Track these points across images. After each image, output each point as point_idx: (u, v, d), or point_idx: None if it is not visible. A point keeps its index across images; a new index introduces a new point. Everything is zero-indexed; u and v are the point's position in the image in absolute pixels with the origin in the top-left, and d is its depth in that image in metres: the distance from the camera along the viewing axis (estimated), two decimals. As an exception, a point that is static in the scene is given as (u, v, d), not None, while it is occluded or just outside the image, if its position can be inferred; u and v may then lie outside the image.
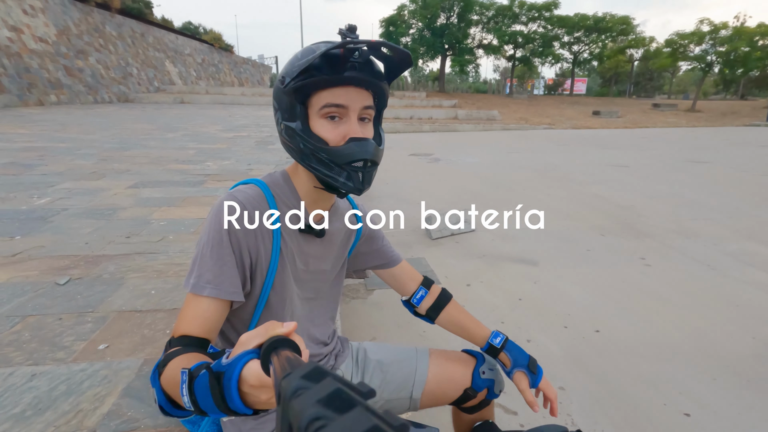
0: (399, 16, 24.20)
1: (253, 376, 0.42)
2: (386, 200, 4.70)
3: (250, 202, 0.70)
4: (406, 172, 6.50)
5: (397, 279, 0.98)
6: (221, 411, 0.46)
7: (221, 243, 0.67)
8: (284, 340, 0.40)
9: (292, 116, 0.67)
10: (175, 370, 0.54)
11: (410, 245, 3.34)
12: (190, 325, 0.64)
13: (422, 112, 16.68)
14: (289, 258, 0.75)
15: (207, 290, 0.65)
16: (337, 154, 0.66)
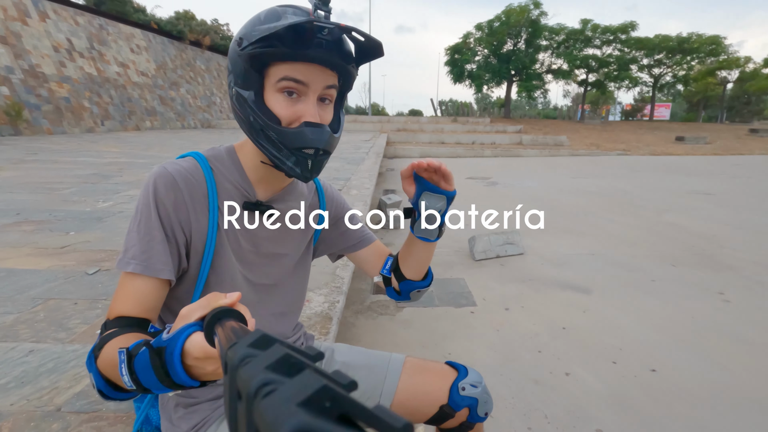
0: (464, 43, 24.40)
1: (197, 348, 0.41)
2: (434, 220, 4.58)
3: (181, 174, 0.65)
4: (460, 194, 6.34)
5: (368, 261, 0.88)
6: (165, 386, 0.45)
7: (149, 217, 0.63)
8: (228, 310, 0.39)
9: (246, 84, 0.61)
10: (112, 351, 0.51)
11: (451, 265, 3.19)
12: (124, 305, 0.61)
13: (485, 138, 16.42)
14: (231, 237, 0.70)
15: (132, 266, 0.61)
16: (288, 137, 0.61)
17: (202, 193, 0.66)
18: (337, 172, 5.57)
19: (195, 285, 0.68)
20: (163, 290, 0.64)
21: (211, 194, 0.67)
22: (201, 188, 0.66)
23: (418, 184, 0.73)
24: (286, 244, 0.78)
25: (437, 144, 15.08)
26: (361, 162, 6.65)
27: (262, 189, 0.72)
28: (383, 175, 8.20)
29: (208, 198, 0.67)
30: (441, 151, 13.36)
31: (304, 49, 0.58)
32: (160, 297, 0.64)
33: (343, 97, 0.69)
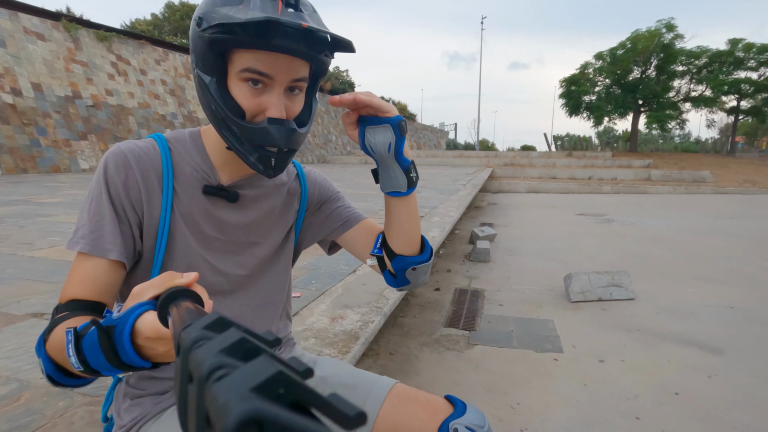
0: (582, 74, 22.93)
1: (149, 328, 0.39)
2: (529, 257, 4.20)
3: (134, 153, 0.63)
4: (564, 231, 5.76)
5: (358, 241, 0.78)
6: (115, 367, 0.43)
7: (99, 196, 0.61)
8: (184, 290, 0.37)
9: (207, 68, 0.57)
10: (61, 333, 0.49)
11: (539, 305, 2.84)
12: (76, 288, 0.59)
13: (604, 173, 14.92)
14: (189, 221, 0.66)
15: (80, 245, 0.59)
16: (251, 133, 0.57)
17: (156, 173, 0.64)
18: (426, 201, 5.51)
19: (150, 270, 0.65)
20: (116, 272, 0.61)
21: (166, 175, 0.64)
22: (155, 168, 0.64)
23: (360, 124, 0.63)
24: (259, 232, 0.72)
25: (548, 179, 14.14)
26: (454, 193, 6.49)
27: (227, 173, 0.68)
28: (482, 209, 7.90)
29: (162, 179, 0.64)
30: (551, 186, 12.47)
31: (268, 39, 0.53)
32: (113, 280, 0.61)
33: (316, 83, 0.64)
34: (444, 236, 3.45)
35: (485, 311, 2.73)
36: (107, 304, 0.60)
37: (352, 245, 0.80)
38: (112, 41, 11.84)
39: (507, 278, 3.46)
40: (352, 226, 0.79)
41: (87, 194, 0.63)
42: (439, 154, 20.90)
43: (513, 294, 3.07)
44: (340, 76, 24.76)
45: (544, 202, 9.29)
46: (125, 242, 0.62)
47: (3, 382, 1.16)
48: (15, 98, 9.34)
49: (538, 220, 6.58)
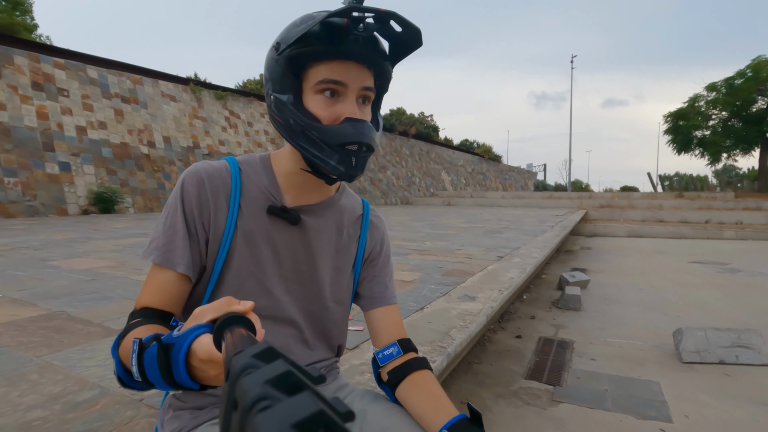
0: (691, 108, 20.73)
1: (203, 351, 0.41)
2: (629, 307, 3.70)
3: (208, 173, 0.67)
4: (674, 280, 5.02)
5: (376, 323, 0.76)
6: (167, 383, 0.45)
7: (175, 211, 0.66)
8: (240, 317, 0.39)
9: (284, 88, 0.62)
10: (130, 340, 0.53)
11: (642, 362, 2.44)
12: (149, 297, 0.64)
13: (726, 216, 12.97)
14: (250, 240, 0.68)
15: (153, 256, 0.64)
16: (331, 133, 0.59)
17: (225, 192, 0.67)
18: (507, 242, 5.23)
19: (207, 284, 0.68)
20: (184, 285, 0.65)
21: (234, 194, 0.67)
22: (225, 187, 0.68)
23: None
24: (314, 262, 0.72)
25: (653, 222, 12.67)
26: (540, 234, 6.09)
27: (292, 196, 0.70)
28: (574, 253, 7.27)
29: (229, 198, 0.67)
30: (658, 230, 11.13)
31: (341, 45, 0.57)
32: (181, 291, 0.65)
33: (379, 99, 0.67)
34: (524, 278, 3.20)
35: (574, 365, 2.41)
36: (175, 313, 0.64)
37: (369, 323, 0.79)
38: (227, 99, 13.68)
39: (601, 330, 3.06)
40: (377, 306, 0.78)
41: (164, 208, 0.68)
42: (526, 195, 20.04)
43: (608, 348, 2.69)
44: (424, 121, 25.50)
45: (648, 247, 8.28)
46: (193, 257, 0.66)
47: (89, 387, 1.28)
48: (150, 149, 11.12)
49: (642, 267, 5.84)
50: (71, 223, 7.24)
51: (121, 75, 11.14)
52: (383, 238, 0.82)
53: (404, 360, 0.72)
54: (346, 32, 0.57)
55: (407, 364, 0.72)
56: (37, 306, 2.20)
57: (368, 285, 0.79)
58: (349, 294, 0.79)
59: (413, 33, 0.58)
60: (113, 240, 5.06)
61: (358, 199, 0.83)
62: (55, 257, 3.81)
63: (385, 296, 0.78)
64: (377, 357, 0.75)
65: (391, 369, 0.73)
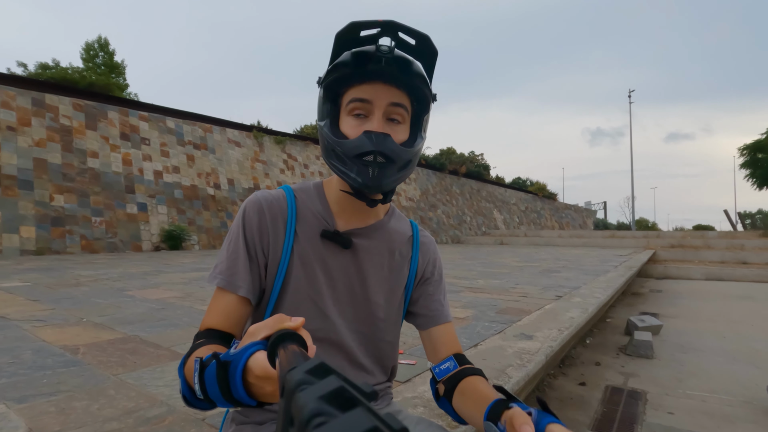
0: (770, 140, 19.07)
1: (259, 367, 0.42)
2: (711, 356, 3.32)
3: (267, 200, 0.71)
4: (764, 328, 4.47)
5: (434, 341, 0.76)
6: (226, 401, 0.47)
7: (238, 237, 0.70)
8: (292, 334, 0.40)
9: (323, 115, 0.67)
10: (193, 360, 0.54)
11: (731, 420, 2.16)
12: (213, 319, 0.67)
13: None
14: (305, 263, 0.70)
15: (217, 280, 0.68)
16: (349, 146, 0.63)
17: (283, 218, 0.72)
18: (566, 281, 4.94)
19: (266, 307, 0.71)
20: (245, 308, 0.68)
21: (290, 220, 0.71)
22: (282, 214, 0.72)
23: None
24: (367, 284, 0.74)
25: (734, 264, 11.46)
26: (602, 274, 5.71)
27: (344, 221, 0.73)
28: (644, 296, 6.71)
29: (286, 223, 0.71)
30: (741, 273, 10.02)
31: (367, 67, 0.62)
32: (242, 314, 0.68)
33: (420, 119, 0.69)
34: (586, 318, 3.00)
35: (647, 418, 2.18)
36: (236, 335, 0.67)
37: (425, 341, 0.80)
38: (286, 143, 14.58)
39: (679, 380, 2.76)
40: (433, 325, 0.79)
41: (228, 234, 0.74)
42: (585, 234, 19.03)
43: (688, 401, 2.41)
44: (475, 160, 25.45)
45: (731, 291, 7.47)
46: (253, 281, 0.69)
47: (158, 405, 1.38)
48: (215, 191, 11.99)
49: (724, 313, 5.26)
50: (145, 258, 7.87)
51: (194, 124, 12.32)
52: (435, 258, 0.82)
53: (458, 370, 0.73)
54: (372, 56, 0.62)
55: (461, 372, 0.72)
56: (114, 330, 2.40)
57: (424, 304, 0.80)
58: (400, 315, 0.80)
59: (421, 40, 0.61)
60: (181, 273, 5.43)
61: (407, 221, 0.85)
62: (131, 288, 4.15)
63: (442, 314, 0.79)
64: (434, 372, 0.75)
65: (447, 378, 0.73)
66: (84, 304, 3.25)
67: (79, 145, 9.52)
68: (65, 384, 1.53)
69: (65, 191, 8.93)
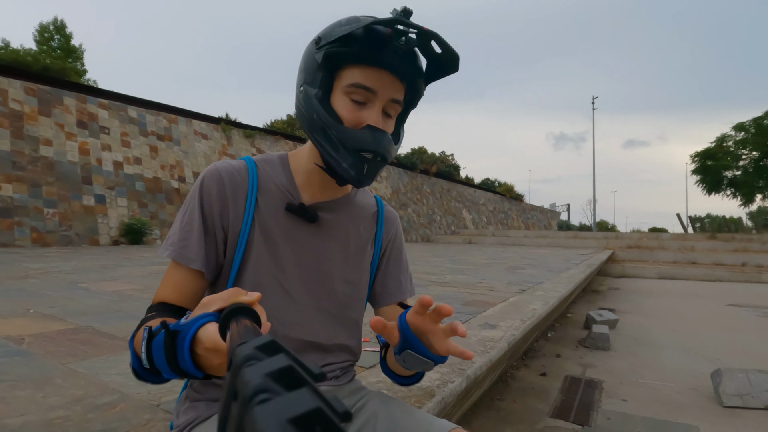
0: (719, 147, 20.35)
1: (209, 339, 0.42)
2: (663, 348, 3.51)
3: (227, 171, 0.68)
4: (711, 322, 4.76)
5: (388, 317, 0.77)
6: (172, 371, 0.46)
7: (193, 209, 0.66)
8: (246, 308, 0.39)
9: (315, 82, 0.62)
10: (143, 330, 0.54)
11: (680, 406, 2.28)
12: (165, 292, 0.65)
13: (764, 259, 12.36)
14: (267, 237, 0.68)
15: (168, 252, 0.65)
16: (350, 136, 0.61)
17: (243, 189, 0.68)
18: (531, 277, 5.10)
19: (226, 281, 0.68)
20: (198, 282, 0.66)
21: (251, 190, 0.68)
22: (243, 186, 0.68)
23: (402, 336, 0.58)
24: (331, 260, 0.72)
25: (685, 264, 12.16)
26: (564, 271, 5.92)
27: (309, 194, 0.71)
28: (602, 294, 7.00)
29: (247, 194, 0.68)
30: (691, 272, 10.65)
31: (379, 53, 0.59)
32: (196, 288, 0.65)
33: (406, 113, 0.68)
34: (548, 310, 3.09)
35: (603, 405, 2.27)
36: (190, 309, 0.64)
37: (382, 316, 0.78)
38: (255, 137, 14.27)
39: (632, 370, 2.89)
40: (389, 303, 0.79)
41: (183, 205, 0.70)
42: (549, 234, 19.65)
43: (641, 390, 2.53)
44: (446, 160, 25.79)
45: (681, 290, 7.91)
46: (208, 254, 0.66)
47: (109, 392, 1.32)
48: (180, 184, 11.59)
49: (675, 309, 5.57)
50: (102, 252, 7.50)
51: (158, 114, 11.85)
52: (396, 233, 0.82)
53: None
54: (387, 42, 0.58)
55: None
56: (65, 321, 2.27)
57: (381, 281, 0.79)
58: (365, 292, 0.79)
59: (452, 57, 0.60)
60: (141, 267, 5.21)
61: (372, 195, 0.83)
62: (86, 280, 3.94)
63: (399, 292, 0.78)
64: (379, 339, 0.73)
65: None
66: (33, 296, 3.05)
67: (31, 132, 8.95)
68: (7, 374, 1.44)
69: (14, 180, 8.38)
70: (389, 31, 0.58)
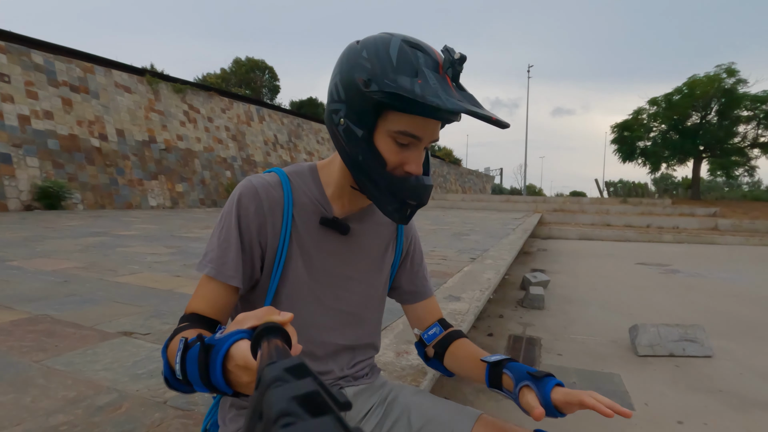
0: (635, 120, 22.35)
1: (240, 356, 0.42)
2: (587, 306, 4.00)
3: (263, 187, 0.69)
4: (624, 280, 5.45)
5: (419, 315, 0.85)
6: (203, 384, 0.46)
7: (230, 225, 0.67)
8: (278, 328, 0.39)
9: (360, 121, 0.61)
10: (178, 340, 0.54)
11: (604, 358, 2.67)
12: (198, 304, 0.66)
13: (664, 221, 14.12)
14: (303, 251, 0.71)
15: (207, 269, 0.66)
16: (398, 185, 0.63)
17: (279, 205, 0.70)
18: (476, 244, 5.46)
19: (266, 294, 0.71)
20: (233, 296, 0.68)
21: (287, 207, 0.70)
22: (279, 201, 0.70)
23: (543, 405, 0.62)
24: (358, 267, 0.77)
25: (601, 226, 13.55)
26: (504, 237, 6.39)
27: (339, 206, 0.74)
28: (532, 255, 7.66)
29: (283, 210, 0.70)
30: (606, 233, 11.91)
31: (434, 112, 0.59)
32: (230, 301, 0.68)
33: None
34: (499, 279, 3.39)
35: (543, 360, 2.61)
36: (222, 321, 0.67)
37: (411, 315, 0.87)
38: (186, 93, 13.15)
39: (564, 327, 3.30)
40: (420, 300, 0.86)
41: (218, 220, 0.70)
42: (484, 198, 20.72)
43: (573, 344, 2.91)
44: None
45: (599, 250, 8.87)
46: (245, 271, 0.68)
47: (104, 391, 1.28)
48: (101, 142, 10.49)
49: (595, 269, 6.28)
50: (17, 220, 6.72)
51: (70, 62, 10.44)
52: (414, 234, 0.87)
53: (444, 334, 0.83)
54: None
55: (448, 336, 0.82)
56: (12, 309, 2.07)
57: (409, 280, 0.86)
58: (385, 292, 0.85)
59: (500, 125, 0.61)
60: (72, 239, 4.77)
61: None
62: (14, 257, 3.57)
63: (427, 289, 0.86)
64: (423, 337, 0.84)
65: (436, 343, 0.83)
66: (-46, 279, 2.73)
67: None
68: (-27, 377, 1.32)
69: None
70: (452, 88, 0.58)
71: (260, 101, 17.89)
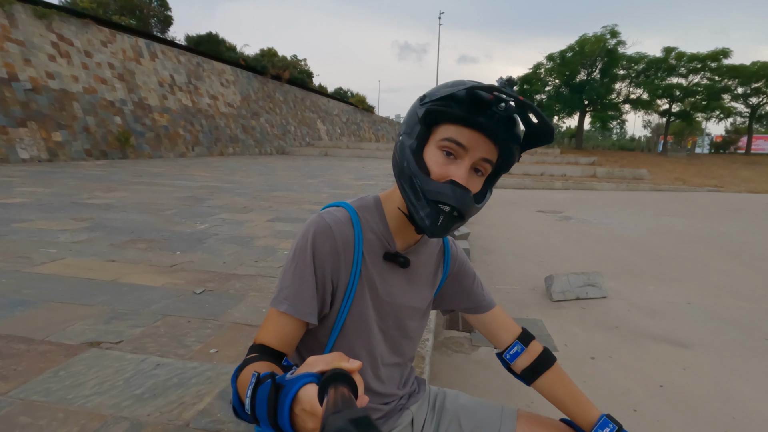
0: (535, 74, 24.05)
1: (308, 400, 0.42)
2: (506, 256, 4.45)
3: (337, 225, 0.70)
4: (530, 229, 6.12)
5: (488, 327, 0.88)
6: (269, 423, 0.46)
7: (304, 263, 0.68)
8: (346, 375, 0.39)
9: (412, 134, 0.66)
10: (249, 373, 0.55)
11: (527, 305, 3.06)
12: (268, 336, 0.67)
13: (555, 169, 15.82)
14: (370, 285, 0.73)
15: (284, 306, 0.67)
16: (432, 188, 0.63)
17: (351, 243, 0.71)
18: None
19: (332, 328, 0.73)
20: (303, 330, 0.69)
21: (357, 244, 0.71)
22: (351, 240, 0.71)
23: None
24: (414, 296, 0.80)
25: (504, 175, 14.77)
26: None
27: (401, 239, 0.76)
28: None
29: (354, 248, 0.71)
30: (506, 181, 13.05)
31: (477, 116, 0.61)
32: (299, 335, 0.69)
33: (498, 174, 0.71)
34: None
35: (478, 312, 2.91)
36: (288, 354, 0.67)
37: (480, 328, 0.90)
38: (53, 19, 10.82)
39: (490, 278, 3.67)
40: (481, 312, 0.88)
41: (290, 254, 0.70)
42: (399, 147, 21.09)
43: (499, 294, 3.27)
44: (298, 65, 24.18)
45: (503, 198, 9.69)
46: (318, 307, 0.69)
47: (113, 421, 1.12)
48: (-62, 78, 8.35)
49: (504, 218, 6.92)
50: None
51: None
52: (463, 257, 0.90)
53: (533, 357, 0.84)
54: (486, 106, 0.61)
55: (537, 363, 0.84)
56: None
57: (466, 299, 0.88)
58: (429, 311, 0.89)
59: (548, 129, 0.64)
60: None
61: None
62: None
63: (484, 302, 0.88)
64: (505, 358, 0.86)
65: (524, 367, 0.84)
66: None
67: None
68: None
69: None
70: (491, 97, 0.60)
71: (150, 34, 15.47)
